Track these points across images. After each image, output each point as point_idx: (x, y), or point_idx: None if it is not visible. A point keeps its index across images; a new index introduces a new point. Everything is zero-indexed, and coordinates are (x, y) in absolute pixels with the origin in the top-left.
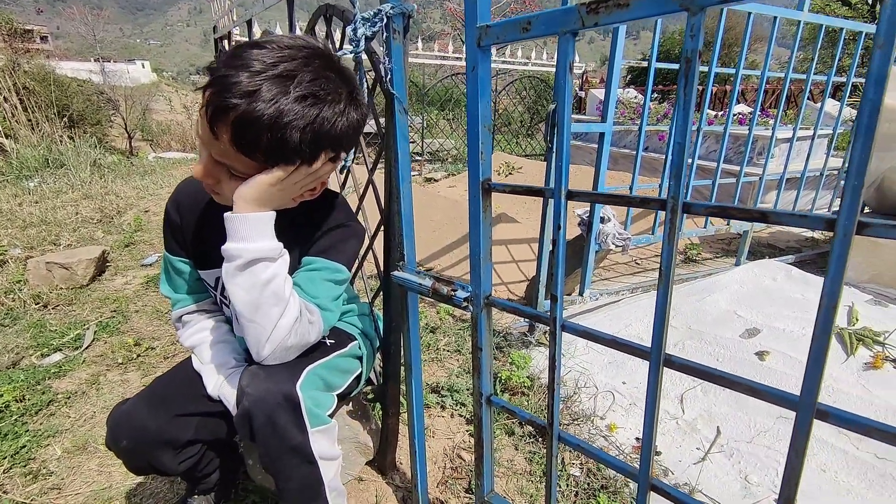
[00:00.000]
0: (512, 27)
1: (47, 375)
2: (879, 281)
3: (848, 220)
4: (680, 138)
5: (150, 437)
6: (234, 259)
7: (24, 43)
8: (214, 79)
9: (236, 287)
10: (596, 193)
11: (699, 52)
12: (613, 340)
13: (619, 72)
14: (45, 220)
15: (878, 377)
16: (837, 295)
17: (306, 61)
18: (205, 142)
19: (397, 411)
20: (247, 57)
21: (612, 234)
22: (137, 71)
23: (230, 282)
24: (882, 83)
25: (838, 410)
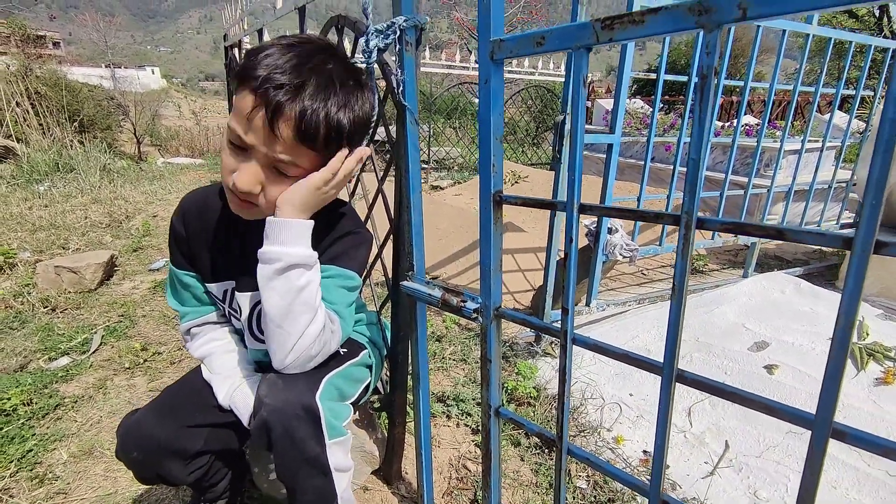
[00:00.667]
0: (526, 41)
1: (55, 379)
2: (888, 295)
3: (866, 238)
4: (695, 154)
5: (161, 448)
6: (274, 262)
7: (36, 48)
8: (259, 81)
9: (271, 291)
10: (608, 207)
11: (715, 69)
12: (625, 355)
13: (627, 84)
14: (54, 224)
15: (890, 393)
16: (854, 313)
17: (329, 53)
18: (261, 144)
19: (403, 420)
20: (278, 55)
21: (620, 244)
22: (147, 77)
23: (266, 286)
24: None
25: (856, 430)
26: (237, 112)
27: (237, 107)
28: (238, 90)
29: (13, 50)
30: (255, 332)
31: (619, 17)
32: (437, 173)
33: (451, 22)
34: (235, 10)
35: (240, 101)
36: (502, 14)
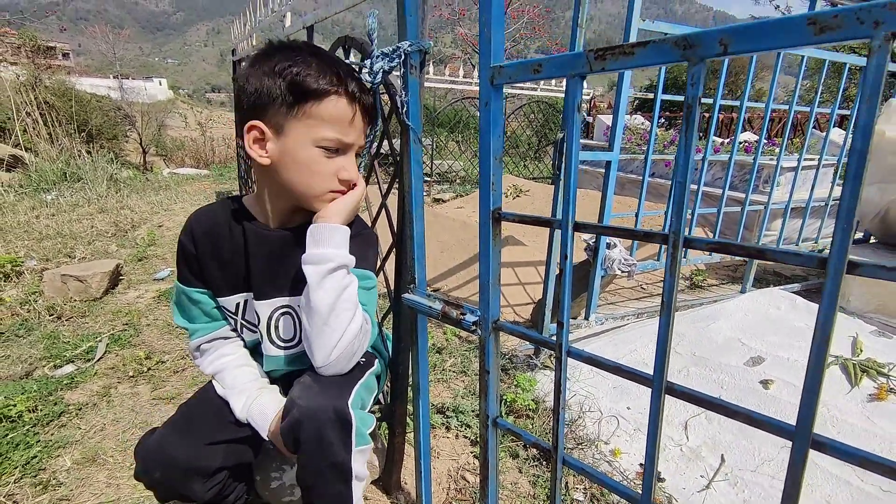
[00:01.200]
0: (524, 68)
1: (59, 386)
2: (884, 311)
3: (838, 260)
4: (681, 178)
5: (182, 468)
6: (327, 262)
7: (46, 59)
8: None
9: (321, 289)
10: (602, 226)
11: (699, 98)
12: (618, 367)
13: (625, 105)
14: (60, 233)
15: (882, 409)
16: (830, 329)
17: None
18: (357, 138)
19: (404, 431)
20: (316, 61)
21: (618, 259)
22: (154, 88)
23: (317, 284)
24: (868, 135)
25: (834, 441)
26: (332, 119)
27: (329, 115)
28: (314, 101)
29: (23, 60)
30: (276, 339)
31: (611, 48)
32: (440, 186)
33: (455, 37)
34: (244, 26)
35: (330, 109)
36: (502, 42)
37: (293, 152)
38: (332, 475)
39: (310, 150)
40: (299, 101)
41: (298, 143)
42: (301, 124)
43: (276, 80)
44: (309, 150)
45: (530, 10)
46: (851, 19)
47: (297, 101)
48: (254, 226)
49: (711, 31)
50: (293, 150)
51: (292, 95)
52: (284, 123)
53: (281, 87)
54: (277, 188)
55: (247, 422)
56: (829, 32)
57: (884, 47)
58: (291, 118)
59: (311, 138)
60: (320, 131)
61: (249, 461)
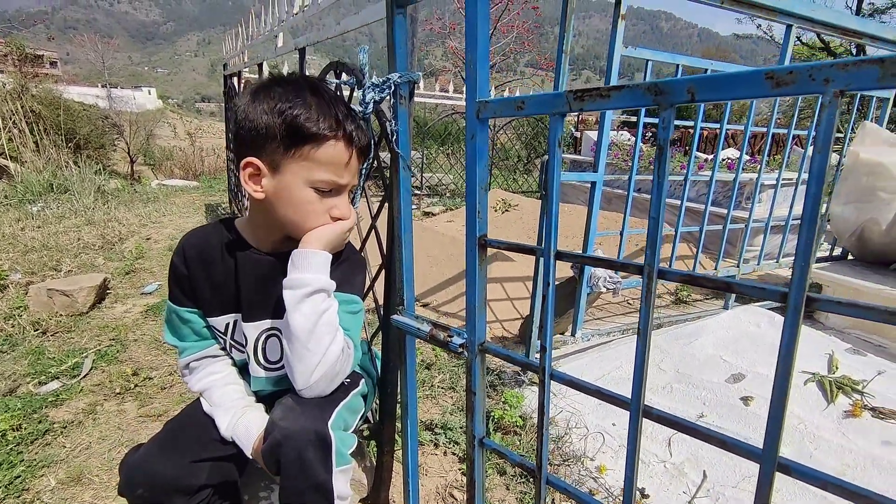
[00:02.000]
0: (508, 105)
1: (44, 404)
2: (862, 328)
3: (797, 295)
4: (654, 213)
5: (167, 486)
6: (303, 287)
7: (33, 67)
8: (347, 133)
9: (298, 313)
10: (582, 256)
11: (669, 141)
12: (598, 391)
13: (609, 128)
14: (46, 246)
15: (857, 425)
16: (792, 357)
17: (323, 86)
18: (351, 178)
19: (392, 449)
20: (316, 101)
21: (604, 277)
22: (143, 97)
23: (294, 308)
24: (821, 181)
25: (798, 465)
26: (328, 163)
27: (326, 158)
28: (312, 144)
29: (10, 69)
30: (262, 361)
31: (589, 90)
32: (430, 199)
33: (446, 50)
34: (237, 42)
35: (328, 153)
36: (487, 79)
37: (287, 191)
38: (314, 495)
39: (304, 191)
40: (297, 143)
41: (293, 182)
42: (297, 165)
43: (275, 120)
44: (303, 190)
45: (520, 25)
46: (805, 76)
47: (294, 143)
48: (245, 250)
49: (680, 81)
50: (287, 189)
51: (290, 138)
52: (281, 163)
53: (280, 128)
54: (271, 220)
55: (232, 439)
56: (784, 87)
57: (833, 103)
58: (288, 158)
59: (307, 179)
60: (316, 174)
61: (235, 480)
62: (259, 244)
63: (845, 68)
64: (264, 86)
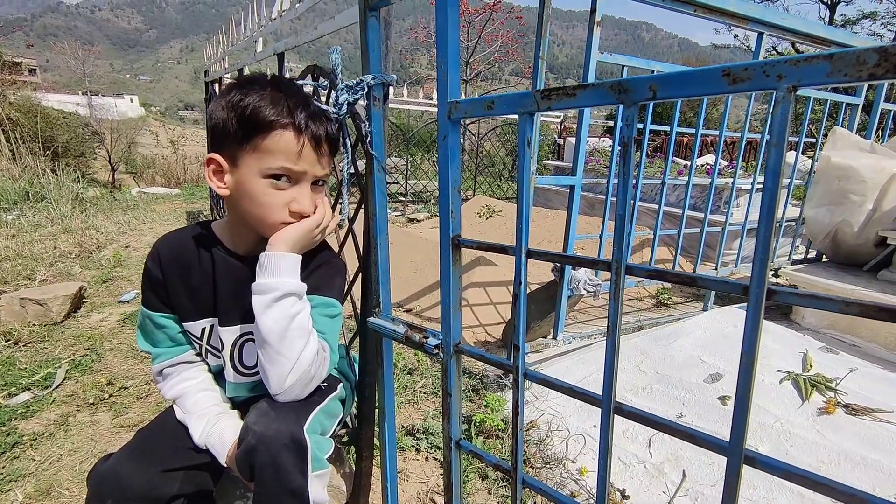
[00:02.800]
0: (478, 105)
1: (13, 416)
2: (836, 327)
3: (758, 288)
4: (621, 210)
5: (137, 496)
6: (270, 292)
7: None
8: (297, 119)
9: (267, 318)
10: (552, 253)
11: (633, 139)
12: (570, 389)
13: (586, 133)
14: (20, 255)
15: (831, 422)
16: (755, 350)
17: (284, 81)
18: (310, 167)
19: (371, 454)
20: (269, 93)
21: (584, 280)
22: (125, 105)
23: (262, 313)
24: (777, 176)
25: (763, 456)
26: (278, 151)
27: (276, 147)
28: (261, 134)
29: None
30: (238, 366)
31: (556, 89)
32: (415, 206)
33: (431, 58)
34: (217, 49)
35: (277, 142)
36: (458, 79)
37: (245, 184)
38: (289, 501)
39: (259, 182)
40: (248, 134)
41: (249, 175)
42: (250, 157)
43: (230, 114)
44: (258, 181)
45: (504, 35)
46: (759, 73)
47: (246, 134)
48: (222, 253)
49: (642, 78)
50: (245, 182)
51: (242, 130)
52: (237, 156)
53: (233, 122)
54: (240, 218)
55: (205, 447)
56: (740, 83)
57: (787, 98)
58: (243, 151)
59: (259, 170)
60: (266, 162)
61: (210, 489)
62: (235, 247)
63: (797, 64)
64: (231, 85)
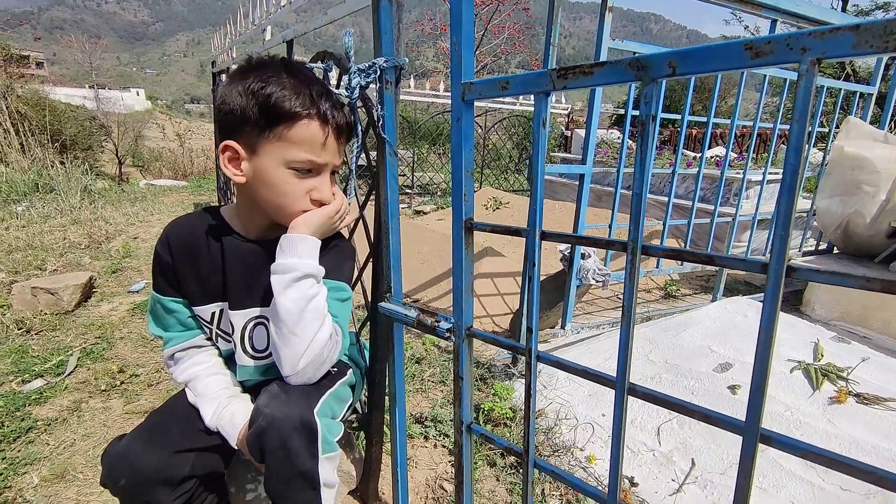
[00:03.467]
0: (492, 85)
1: (27, 402)
2: (847, 319)
3: (777, 264)
4: (638, 189)
5: (149, 476)
6: (290, 272)
7: (19, 68)
8: (320, 111)
9: (285, 298)
10: (566, 235)
11: (655, 116)
12: (584, 371)
13: (597, 120)
14: (31, 245)
15: (843, 411)
16: (773, 327)
17: (298, 66)
18: (332, 158)
19: (381, 440)
20: (289, 81)
21: (593, 269)
22: (132, 98)
23: (281, 293)
24: (800, 151)
25: (779, 435)
26: (303, 142)
27: (301, 138)
28: (285, 124)
29: None
30: (249, 350)
31: (572, 68)
32: (421, 198)
33: (437, 51)
34: (224, 38)
35: (303, 133)
36: (472, 60)
37: (265, 173)
38: (299, 483)
39: (281, 172)
40: (271, 123)
41: (270, 164)
42: (273, 146)
43: (250, 101)
44: (280, 170)
45: (511, 27)
46: (782, 46)
47: (268, 123)
48: (232, 238)
49: (661, 54)
50: (265, 171)
51: (264, 118)
52: (257, 144)
53: (254, 109)
54: (254, 205)
55: (216, 430)
56: (763, 57)
57: (810, 71)
58: (263, 139)
59: (283, 160)
60: (291, 153)
61: (221, 471)
62: (245, 231)
63: (821, 36)
64: (241, 69)
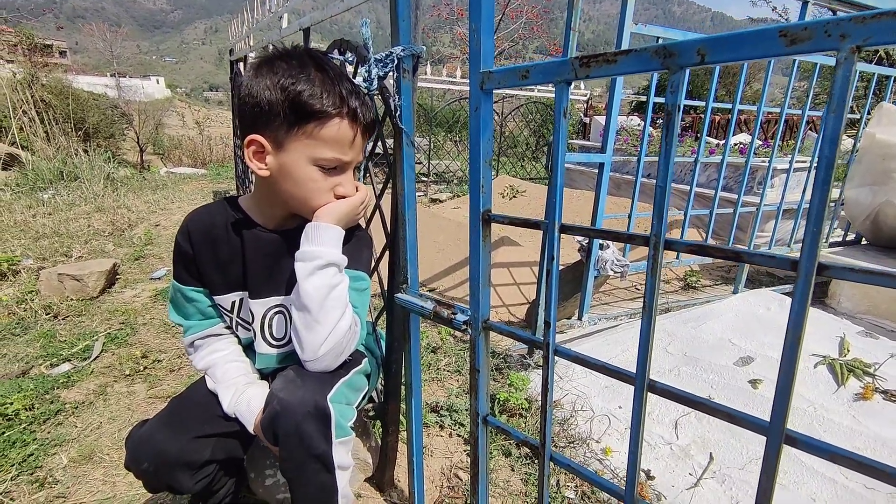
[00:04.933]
0: (512, 74)
1: (56, 385)
2: (875, 312)
3: (809, 262)
4: (662, 182)
5: (171, 460)
6: (314, 259)
7: (43, 57)
8: (351, 111)
9: (308, 285)
10: (586, 228)
11: (678, 106)
12: (603, 366)
13: (618, 108)
14: (57, 232)
15: (868, 408)
16: (801, 327)
17: (325, 58)
18: (357, 155)
19: (397, 429)
20: (319, 77)
21: (611, 260)
22: (152, 86)
23: (305, 280)
24: (835, 143)
25: (805, 436)
26: (333, 141)
27: (331, 137)
28: (316, 122)
29: (20, 58)
30: (268, 338)
31: (595, 56)
32: (437, 186)
33: (454, 37)
34: (242, 26)
35: (334, 133)
36: (492, 49)
37: (291, 168)
38: (314, 466)
39: (308, 169)
40: (301, 121)
41: (297, 160)
42: (301, 143)
43: (279, 96)
44: (307, 168)
45: (529, 11)
46: (820, 32)
47: (298, 120)
48: (252, 227)
49: (689, 42)
50: (291, 167)
51: (293, 115)
52: (284, 140)
53: (283, 105)
54: (276, 197)
55: (234, 416)
56: (799, 44)
57: (850, 59)
58: (292, 136)
59: (311, 157)
60: (320, 152)
61: (240, 456)
62: (265, 221)
63: (863, 22)
64: (267, 60)
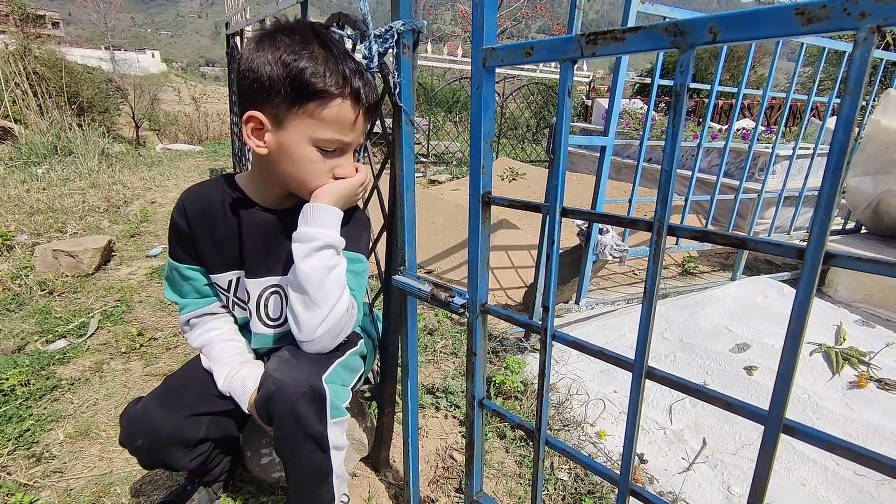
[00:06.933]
0: (516, 51)
1: (52, 361)
2: (871, 301)
3: (815, 251)
4: (668, 166)
5: (165, 438)
6: (312, 241)
7: (35, 28)
8: (353, 91)
9: (306, 266)
10: (589, 212)
11: (687, 86)
12: (601, 352)
13: (621, 90)
14: (52, 208)
15: (862, 396)
16: (805, 319)
17: (329, 34)
18: (358, 137)
19: (393, 410)
20: (322, 55)
21: (610, 245)
22: (147, 60)
23: (302, 261)
24: (850, 127)
25: (803, 426)
26: (334, 122)
27: (333, 118)
28: (318, 102)
29: (12, 29)
30: (264, 318)
31: (603, 33)
32: (436, 167)
33: (455, 14)
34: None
35: (336, 113)
36: (495, 24)
37: (290, 147)
38: (308, 445)
39: (307, 149)
40: (302, 99)
41: (297, 140)
42: (301, 122)
43: (280, 73)
44: (306, 148)
45: None
46: (839, 10)
47: (299, 98)
48: (248, 206)
49: (701, 19)
50: (290, 146)
51: (295, 93)
52: (284, 118)
53: (284, 82)
54: (274, 176)
55: (229, 394)
56: (816, 23)
57: (869, 39)
58: (292, 114)
59: (311, 137)
60: (320, 132)
61: (235, 435)
62: (262, 200)
63: (885, 0)
64: (269, 33)
